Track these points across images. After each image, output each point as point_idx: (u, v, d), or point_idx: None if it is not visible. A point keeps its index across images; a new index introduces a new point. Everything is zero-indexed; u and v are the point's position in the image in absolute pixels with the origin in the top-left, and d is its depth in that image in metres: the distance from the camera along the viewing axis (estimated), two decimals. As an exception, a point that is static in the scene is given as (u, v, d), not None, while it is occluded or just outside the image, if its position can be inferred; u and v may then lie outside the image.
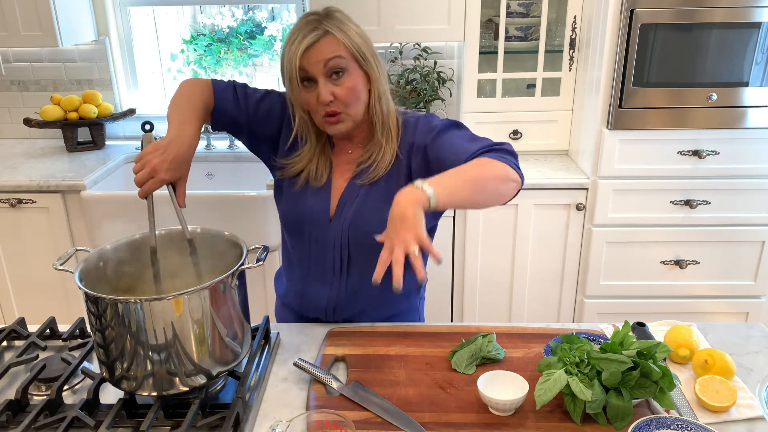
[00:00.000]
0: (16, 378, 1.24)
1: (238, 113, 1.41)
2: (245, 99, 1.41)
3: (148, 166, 1.20)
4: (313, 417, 1.02)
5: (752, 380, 1.21)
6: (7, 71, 2.86)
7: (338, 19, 1.29)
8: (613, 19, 2.13)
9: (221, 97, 1.39)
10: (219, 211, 2.32)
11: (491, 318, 2.52)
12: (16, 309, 2.56)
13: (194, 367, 1.09)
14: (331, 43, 1.26)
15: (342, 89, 1.28)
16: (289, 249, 1.50)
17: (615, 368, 1.07)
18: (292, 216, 1.43)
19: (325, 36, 1.26)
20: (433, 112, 2.72)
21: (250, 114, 1.41)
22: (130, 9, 2.85)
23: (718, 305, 2.46)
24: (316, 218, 1.39)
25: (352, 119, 1.32)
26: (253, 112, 1.42)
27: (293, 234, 1.45)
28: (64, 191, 2.37)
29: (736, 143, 2.25)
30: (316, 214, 1.39)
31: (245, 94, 1.42)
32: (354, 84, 1.29)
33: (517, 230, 2.38)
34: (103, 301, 1.03)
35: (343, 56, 1.27)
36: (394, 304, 1.51)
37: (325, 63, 1.26)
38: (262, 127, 1.43)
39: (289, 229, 1.45)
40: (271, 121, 1.42)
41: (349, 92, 1.29)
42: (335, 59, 1.26)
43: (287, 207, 1.44)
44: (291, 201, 1.42)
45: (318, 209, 1.39)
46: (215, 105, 1.39)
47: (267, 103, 1.42)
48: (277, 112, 1.42)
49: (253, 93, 1.43)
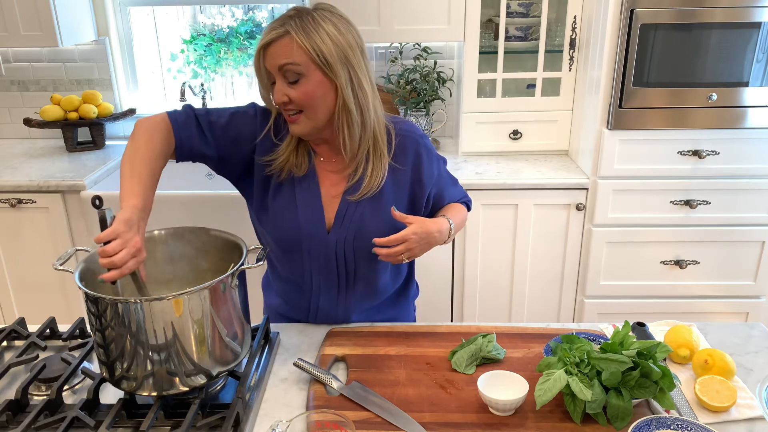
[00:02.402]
0: (16, 378, 1.24)
1: (206, 146, 1.32)
2: (210, 129, 1.32)
3: (132, 244, 1.07)
4: (313, 417, 1.02)
5: (752, 380, 1.21)
6: (7, 71, 2.86)
7: (310, 20, 1.21)
8: (613, 19, 2.13)
9: (183, 134, 1.30)
10: (219, 211, 2.32)
11: (491, 318, 2.52)
12: (16, 309, 2.56)
13: (194, 367, 1.09)
14: (286, 47, 1.20)
15: (296, 93, 1.23)
16: (277, 267, 1.46)
17: (615, 368, 1.08)
18: (284, 231, 1.36)
19: (283, 37, 1.20)
20: (433, 112, 2.72)
21: (219, 144, 1.33)
22: (130, 9, 2.85)
23: (718, 305, 2.46)
24: (312, 231, 1.35)
25: (310, 124, 1.27)
26: (221, 141, 1.33)
27: (288, 252, 1.39)
28: (64, 191, 2.37)
29: (736, 143, 2.25)
30: (311, 227, 1.35)
31: (209, 123, 1.33)
32: (310, 90, 1.22)
33: (517, 230, 2.38)
34: (103, 301, 1.03)
35: (298, 62, 1.20)
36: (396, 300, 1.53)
37: (279, 67, 1.22)
38: (233, 152, 1.35)
39: (284, 248, 1.39)
40: (240, 144, 1.35)
41: (303, 97, 1.23)
42: (288, 65, 1.21)
43: (276, 219, 1.37)
44: (280, 211, 1.36)
45: (312, 222, 1.35)
46: (177, 143, 1.30)
47: (233, 130, 1.34)
48: (246, 135, 1.35)
49: (217, 120, 1.33)
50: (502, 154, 2.57)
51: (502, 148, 2.56)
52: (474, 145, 2.56)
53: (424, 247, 1.33)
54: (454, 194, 1.51)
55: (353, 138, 1.30)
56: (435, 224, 1.33)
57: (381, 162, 1.34)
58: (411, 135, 1.38)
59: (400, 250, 1.29)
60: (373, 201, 1.35)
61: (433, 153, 1.42)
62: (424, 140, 1.40)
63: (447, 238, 1.38)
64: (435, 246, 1.36)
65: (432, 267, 2.40)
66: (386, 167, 1.35)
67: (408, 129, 1.39)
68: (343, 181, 1.37)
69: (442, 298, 2.49)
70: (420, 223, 1.30)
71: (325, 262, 1.38)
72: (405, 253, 1.30)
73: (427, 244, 1.33)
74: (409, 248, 1.29)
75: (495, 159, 2.53)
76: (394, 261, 1.31)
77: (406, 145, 1.37)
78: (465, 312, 2.51)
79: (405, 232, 1.28)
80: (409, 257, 1.31)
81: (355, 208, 1.35)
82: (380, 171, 1.34)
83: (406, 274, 1.55)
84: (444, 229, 1.36)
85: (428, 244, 1.33)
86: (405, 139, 1.38)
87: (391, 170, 1.36)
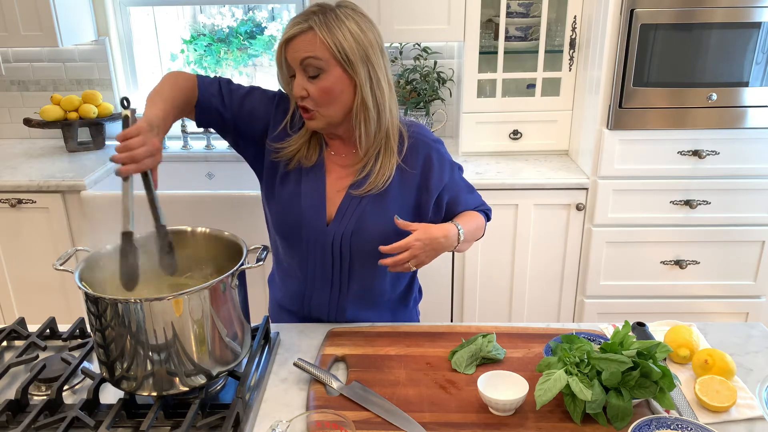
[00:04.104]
0: (16, 378, 1.24)
1: (224, 109, 1.37)
2: (230, 95, 1.37)
3: (152, 144, 1.11)
4: (313, 417, 1.02)
5: (752, 380, 1.21)
6: (7, 71, 2.86)
7: (334, 16, 1.23)
8: (613, 19, 2.13)
9: (206, 91, 1.35)
10: (219, 211, 2.32)
11: (491, 318, 2.52)
12: (16, 309, 2.56)
13: (194, 367, 1.09)
14: (309, 42, 1.23)
15: (315, 88, 1.25)
16: (281, 257, 1.48)
17: (615, 368, 1.07)
18: (286, 218, 1.39)
19: (307, 32, 1.23)
20: (433, 112, 2.72)
21: (234, 110, 1.37)
22: (130, 9, 2.85)
23: (718, 305, 2.46)
24: (313, 221, 1.37)
25: (326, 120, 1.29)
26: (237, 108, 1.38)
27: (289, 239, 1.41)
28: (64, 191, 2.37)
29: (736, 143, 2.25)
30: (312, 216, 1.37)
31: (230, 90, 1.38)
32: (329, 86, 1.25)
33: (517, 230, 2.38)
34: (103, 301, 1.03)
35: (320, 57, 1.23)
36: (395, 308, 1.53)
37: (300, 61, 1.24)
38: (247, 125, 1.39)
39: (284, 234, 1.42)
40: (254, 120, 1.39)
41: (322, 93, 1.25)
42: (309, 59, 1.23)
43: (281, 205, 1.39)
44: (285, 197, 1.39)
45: (314, 212, 1.36)
46: (199, 98, 1.34)
47: (250, 102, 1.38)
48: (260, 113, 1.39)
49: (237, 89, 1.39)
50: (502, 154, 2.57)
51: (502, 148, 2.56)
52: (474, 145, 2.56)
53: (430, 253, 1.31)
54: (470, 202, 1.48)
55: (369, 135, 1.32)
56: (440, 230, 1.32)
57: (390, 161, 1.35)
58: (423, 139, 1.39)
59: (405, 257, 1.27)
60: (376, 199, 1.36)
61: (445, 159, 1.41)
62: (437, 145, 1.40)
63: (457, 244, 1.36)
64: (443, 252, 1.35)
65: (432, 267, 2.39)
66: (394, 167, 1.35)
67: (421, 133, 1.39)
68: (351, 176, 1.37)
69: (442, 298, 2.49)
70: (424, 230, 1.29)
71: (322, 255, 1.39)
72: (411, 261, 1.28)
73: (433, 251, 1.31)
74: (414, 255, 1.28)
75: (495, 159, 2.53)
76: (401, 269, 1.29)
77: (418, 148, 1.37)
78: (465, 312, 2.51)
79: (408, 239, 1.27)
80: (416, 265, 1.30)
81: (358, 203, 1.36)
82: (388, 170, 1.34)
83: (407, 284, 1.54)
84: (451, 235, 1.34)
85: (434, 251, 1.31)
86: (417, 142, 1.38)
87: (399, 171, 1.36)
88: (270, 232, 1.50)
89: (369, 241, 1.34)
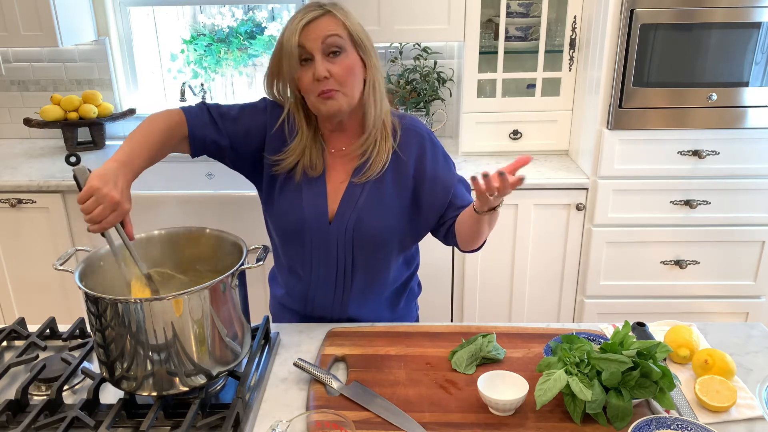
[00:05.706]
0: (16, 378, 1.24)
1: (219, 136, 1.37)
2: (222, 120, 1.37)
3: (107, 200, 1.08)
4: (313, 417, 1.02)
5: (752, 380, 1.21)
6: (7, 71, 2.86)
7: (340, 7, 1.31)
8: (613, 19, 2.13)
9: (196, 122, 1.35)
10: (219, 211, 2.32)
11: (491, 318, 2.52)
12: (16, 309, 2.56)
13: (194, 367, 1.09)
14: (331, 22, 1.28)
15: (338, 67, 1.28)
16: (281, 258, 1.48)
17: (615, 368, 1.08)
18: (287, 223, 1.39)
19: (326, 14, 1.28)
20: (433, 112, 2.72)
21: (230, 134, 1.38)
22: (130, 9, 2.85)
23: (718, 305, 2.46)
24: (315, 222, 1.37)
25: (347, 99, 1.30)
26: (233, 131, 1.38)
27: (291, 242, 1.41)
28: (64, 191, 2.37)
29: (736, 143, 2.25)
30: (314, 217, 1.37)
31: (221, 115, 1.38)
32: (350, 64, 1.29)
33: (517, 230, 2.38)
34: (103, 301, 1.03)
35: (342, 36, 1.28)
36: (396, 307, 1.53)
37: (323, 39, 1.27)
38: (245, 145, 1.39)
39: (286, 238, 1.42)
40: (250, 137, 1.39)
41: (346, 70, 1.29)
42: (334, 36, 1.27)
43: (281, 213, 1.39)
44: (285, 205, 1.39)
45: (316, 212, 1.37)
46: (190, 131, 1.34)
47: (244, 122, 1.39)
48: (256, 129, 1.39)
49: (227, 112, 1.39)
50: (502, 154, 2.57)
51: (502, 148, 2.56)
52: (474, 145, 2.56)
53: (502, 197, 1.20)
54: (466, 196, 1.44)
55: (377, 117, 1.36)
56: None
57: (386, 145, 1.37)
58: (416, 129, 1.41)
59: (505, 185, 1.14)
60: (374, 187, 1.37)
61: (439, 149, 1.42)
62: (430, 136, 1.42)
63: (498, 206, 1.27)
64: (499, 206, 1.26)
65: (432, 267, 2.40)
66: (390, 151, 1.37)
67: (413, 124, 1.42)
68: (353, 162, 1.38)
69: (442, 298, 2.49)
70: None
71: (325, 255, 1.40)
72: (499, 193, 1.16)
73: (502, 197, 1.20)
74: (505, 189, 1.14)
75: (495, 159, 2.53)
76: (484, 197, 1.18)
77: (411, 138, 1.40)
78: (465, 312, 2.51)
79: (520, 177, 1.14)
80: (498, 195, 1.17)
81: (359, 193, 1.37)
82: (384, 154, 1.37)
83: (407, 276, 1.54)
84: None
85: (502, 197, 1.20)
86: (410, 132, 1.40)
87: (394, 160, 1.38)
88: (270, 234, 1.50)
89: (369, 232, 1.35)
